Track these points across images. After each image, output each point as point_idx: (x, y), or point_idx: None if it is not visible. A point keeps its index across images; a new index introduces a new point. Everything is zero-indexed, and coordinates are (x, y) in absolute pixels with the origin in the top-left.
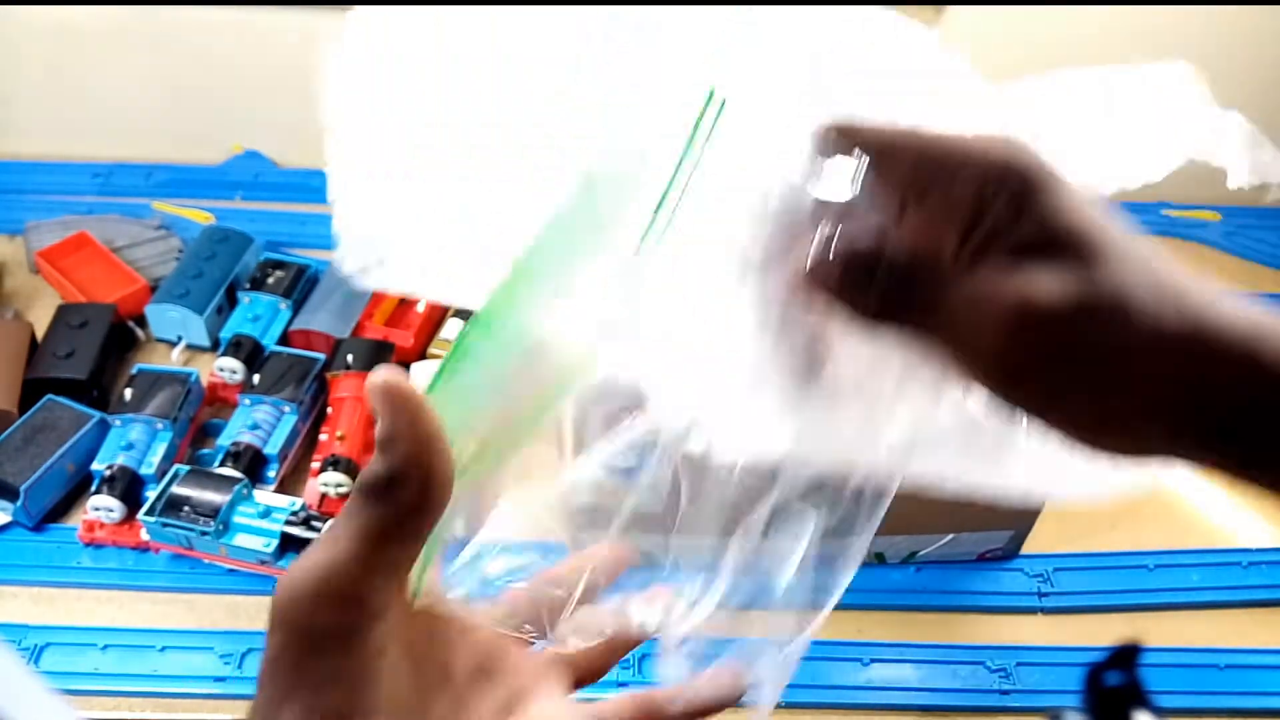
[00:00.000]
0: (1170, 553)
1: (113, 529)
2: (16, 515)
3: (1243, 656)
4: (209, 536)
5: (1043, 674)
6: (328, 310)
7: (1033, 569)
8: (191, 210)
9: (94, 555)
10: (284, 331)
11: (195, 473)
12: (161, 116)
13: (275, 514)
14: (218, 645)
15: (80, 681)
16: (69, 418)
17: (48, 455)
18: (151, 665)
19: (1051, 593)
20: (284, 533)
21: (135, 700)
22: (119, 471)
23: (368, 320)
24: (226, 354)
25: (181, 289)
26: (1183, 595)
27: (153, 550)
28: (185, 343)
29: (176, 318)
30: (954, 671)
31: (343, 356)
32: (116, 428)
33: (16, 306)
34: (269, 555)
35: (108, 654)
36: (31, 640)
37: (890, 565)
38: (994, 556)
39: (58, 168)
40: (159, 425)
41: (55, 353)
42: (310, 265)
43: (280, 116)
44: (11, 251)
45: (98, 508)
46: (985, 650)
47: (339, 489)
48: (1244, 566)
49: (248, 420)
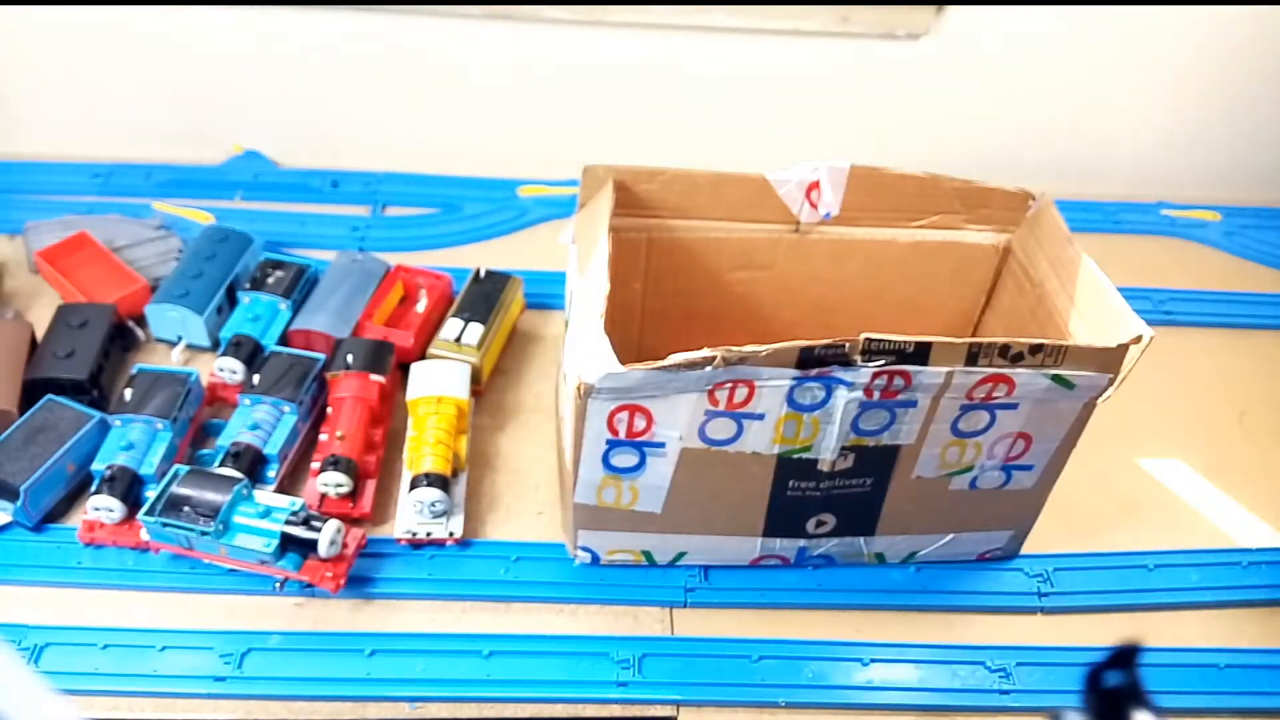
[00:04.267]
0: (1170, 553)
1: (113, 529)
2: (16, 515)
3: (1243, 656)
4: (209, 536)
5: (1043, 674)
6: (328, 310)
7: (1033, 569)
8: (191, 210)
9: (94, 555)
10: (284, 331)
11: (195, 473)
12: (161, 116)
13: (275, 514)
14: (218, 645)
15: (80, 681)
16: (69, 418)
17: (48, 455)
18: (151, 665)
19: (1051, 593)
20: (284, 533)
21: (135, 700)
22: (119, 471)
23: (368, 320)
24: (226, 354)
25: (181, 289)
26: (1183, 595)
27: (153, 550)
28: (185, 343)
29: (176, 318)
30: (954, 671)
31: (343, 356)
32: (116, 428)
33: (16, 306)
34: (269, 555)
35: (108, 654)
36: (31, 640)
37: (890, 565)
38: (994, 556)
39: (58, 168)
40: (159, 425)
41: (55, 353)
42: (310, 265)
43: (280, 116)
44: (11, 251)
45: (98, 508)
46: (985, 650)
47: (339, 489)
48: (1244, 566)
49: (248, 420)
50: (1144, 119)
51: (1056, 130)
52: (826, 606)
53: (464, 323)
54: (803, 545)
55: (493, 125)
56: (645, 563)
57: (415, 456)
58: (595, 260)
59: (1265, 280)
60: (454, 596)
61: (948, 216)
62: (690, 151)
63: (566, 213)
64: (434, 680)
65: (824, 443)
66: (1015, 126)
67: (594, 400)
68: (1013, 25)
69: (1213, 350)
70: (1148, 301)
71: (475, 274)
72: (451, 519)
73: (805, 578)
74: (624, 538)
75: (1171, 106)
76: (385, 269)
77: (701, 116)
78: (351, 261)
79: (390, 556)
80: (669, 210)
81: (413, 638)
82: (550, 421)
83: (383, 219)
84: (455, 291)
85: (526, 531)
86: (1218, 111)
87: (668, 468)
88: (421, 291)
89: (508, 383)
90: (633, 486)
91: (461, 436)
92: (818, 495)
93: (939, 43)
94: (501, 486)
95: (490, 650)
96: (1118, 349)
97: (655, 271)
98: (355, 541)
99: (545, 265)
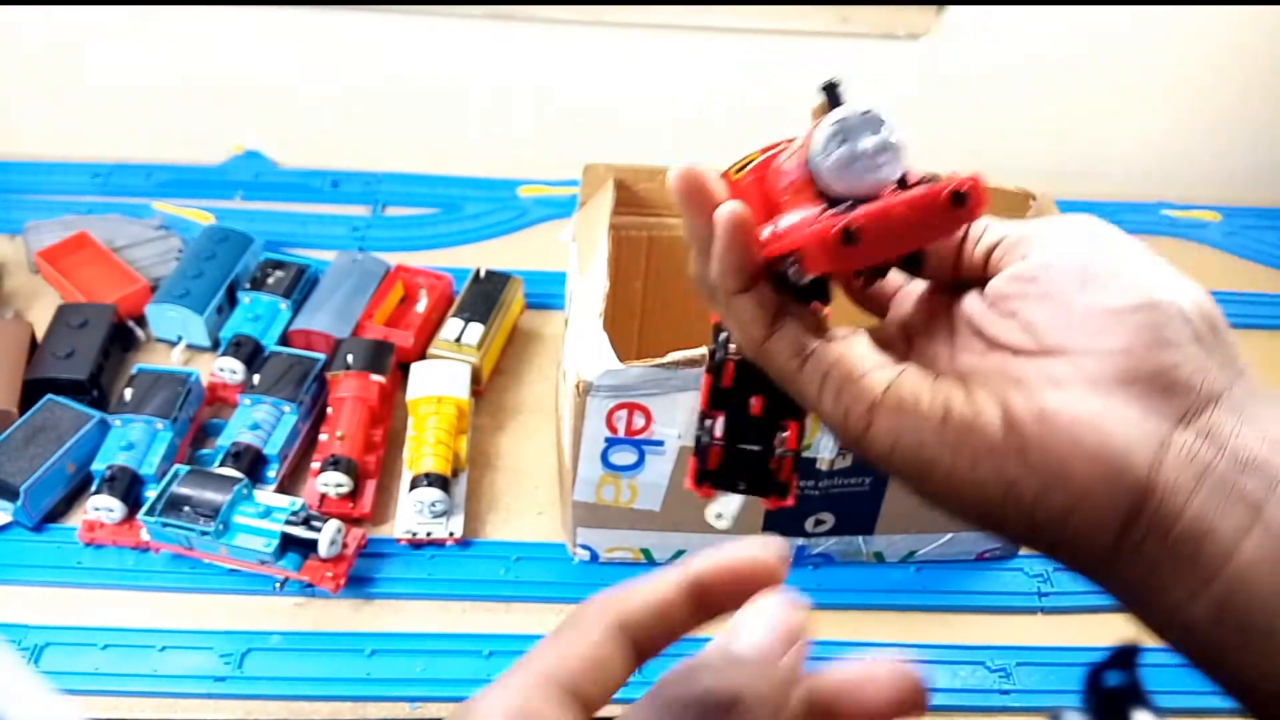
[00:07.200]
0: None
1: (113, 529)
2: (16, 515)
3: None
4: (209, 536)
5: (1043, 674)
6: (328, 310)
7: (1033, 569)
8: (191, 210)
9: (94, 555)
10: (284, 331)
11: (195, 473)
12: (161, 116)
13: (275, 514)
14: (218, 645)
15: (80, 681)
16: (69, 418)
17: (48, 455)
18: (151, 665)
19: (1051, 593)
20: (284, 533)
21: (135, 700)
22: (119, 471)
23: (368, 320)
24: (226, 354)
25: (181, 289)
26: None
27: (153, 550)
28: (185, 343)
29: (176, 318)
30: (954, 671)
31: (343, 356)
32: (116, 428)
33: (16, 306)
34: (269, 555)
35: (108, 654)
36: (31, 640)
37: (890, 565)
38: (993, 556)
39: (58, 168)
40: (159, 425)
41: (55, 353)
42: (310, 265)
43: (280, 116)
44: (11, 251)
45: (98, 508)
46: (985, 650)
47: (339, 489)
48: None
49: (248, 420)
50: (1144, 119)
51: (1056, 130)
52: (825, 606)
53: (464, 323)
54: (801, 544)
55: (493, 125)
56: (644, 561)
57: (415, 456)
58: (595, 259)
59: (1265, 280)
60: (454, 596)
61: None
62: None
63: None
64: (434, 680)
65: (823, 441)
66: (1015, 126)
67: (593, 398)
68: (1013, 25)
69: None
70: None
71: (475, 274)
72: (451, 519)
73: (804, 577)
74: (623, 536)
75: (1171, 106)
76: (385, 269)
77: (701, 116)
78: (351, 261)
79: (390, 556)
80: (670, 209)
81: (413, 638)
82: (550, 421)
83: (383, 219)
84: (455, 291)
85: (526, 531)
86: (1218, 111)
87: (666, 466)
88: (421, 291)
89: (508, 383)
90: (631, 484)
91: (461, 436)
92: (816, 494)
93: (939, 43)
94: (501, 486)
95: (490, 650)
96: None
97: (655, 271)
98: (355, 541)
99: (545, 265)
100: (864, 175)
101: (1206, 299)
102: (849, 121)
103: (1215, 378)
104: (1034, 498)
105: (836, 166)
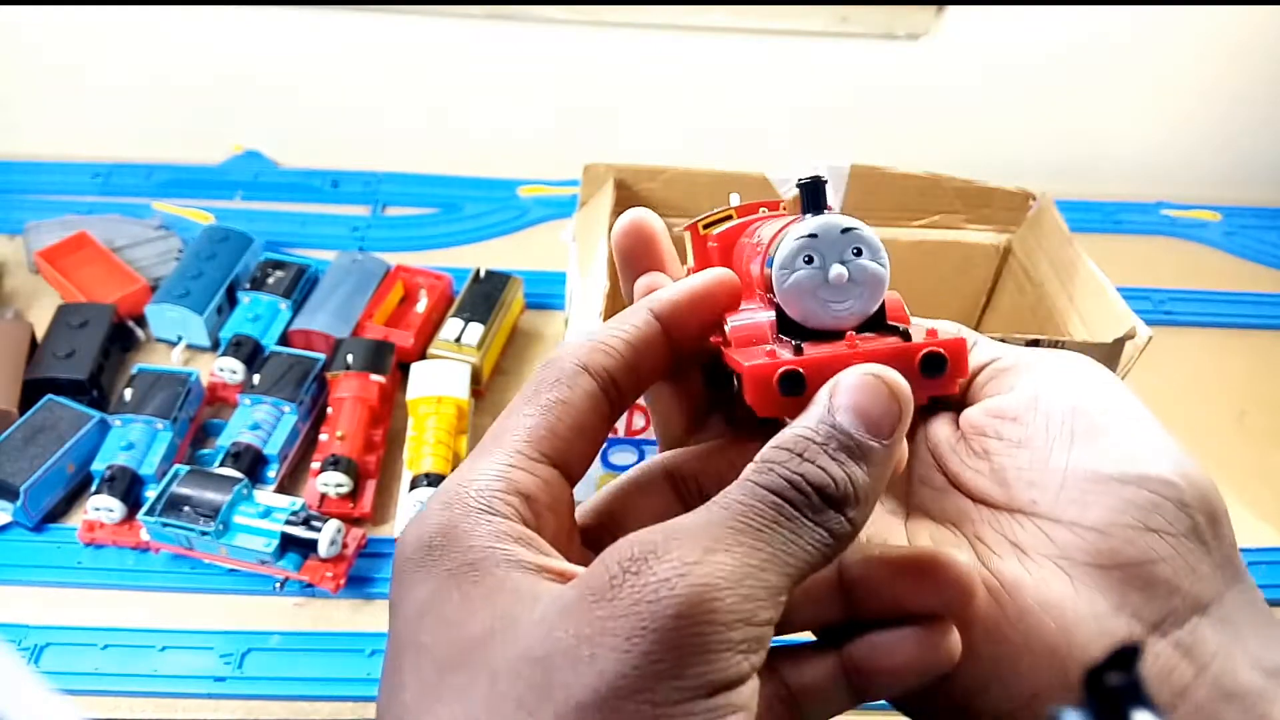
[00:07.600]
0: None
1: (113, 529)
2: (16, 515)
3: None
4: (209, 536)
5: None
6: (328, 310)
7: None
8: (191, 210)
9: (94, 555)
10: (284, 331)
11: (195, 473)
12: (161, 116)
13: (275, 514)
14: (218, 645)
15: (80, 681)
16: (69, 418)
17: (48, 455)
18: (151, 665)
19: None
20: (284, 533)
21: (135, 700)
22: (119, 471)
23: (368, 320)
24: (226, 354)
25: (181, 289)
26: None
27: (153, 550)
28: (185, 343)
29: (176, 318)
30: None
31: (343, 356)
32: (116, 428)
33: (16, 306)
34: (269, 555)
35: (108, 654)
36: (31, 640)
37: None
38: None
39: (58, 168)
40: (159, 425)
41: (55, 353)
42: (310, 265)
43: (280, 116)
44: (11, 251)
45: (98, 508)
46: None
47: (339, 489)
48: None
49: (248, 420)
50: (1144, 119)
51: (1056, 130)
52: None
53: (464, 323)
54: None
55: (493, 125)
56: None
57: (415, 456)
58: (595, 259)
59: (1265, 280)
60: None
61: (948, 216)
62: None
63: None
64: None
65: None
66: (1015, 126)
67: None
68: (1013, 25)
69: (1212, 350)
70: (1148, 301)
71: (475, 274)
72: None
73: None
74: None
75: (1171, 106)
76: (385, 269)
77: (701, 116)
78: (351, 261)
79: (390, 557)
80: (670, 209)
81: None
82: None
83: (383, 219)
84: (455, 291)
85: None
86: (1218, 111)
87: None
88: (421, 291)
89: (508, 383)
90: None
91: (461, 436)
92: None
93: (939, 43)
94: None
95: None
96: (1114, 344)
97: None
98: (355, 542)
99: (545, 265)
100: (824, 310)
101: (1207, 481)
102: (823, 239)
103: (1206, 580)
104: (971, 691)
105: (795, 292)
